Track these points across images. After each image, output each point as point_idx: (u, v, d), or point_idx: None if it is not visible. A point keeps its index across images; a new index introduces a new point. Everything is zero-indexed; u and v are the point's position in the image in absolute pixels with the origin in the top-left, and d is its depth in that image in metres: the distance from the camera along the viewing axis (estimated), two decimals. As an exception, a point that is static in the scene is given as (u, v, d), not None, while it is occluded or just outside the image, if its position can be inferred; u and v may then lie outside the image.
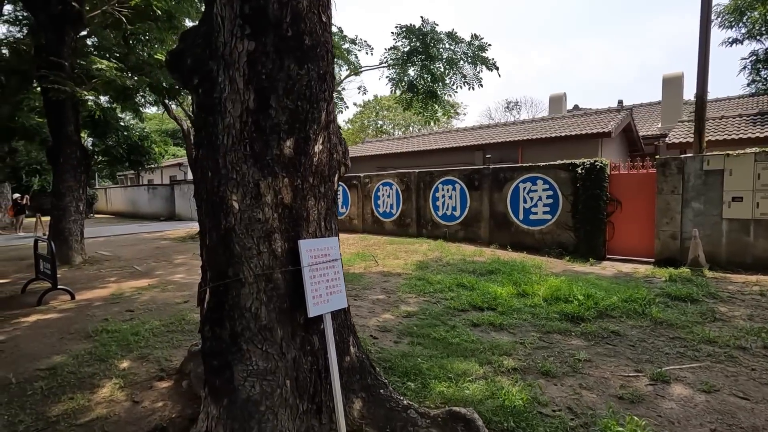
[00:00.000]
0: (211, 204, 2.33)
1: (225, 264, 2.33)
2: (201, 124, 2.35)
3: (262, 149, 2.25)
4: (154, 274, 8.63)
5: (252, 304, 2.33)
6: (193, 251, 11.80)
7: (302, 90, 2.22)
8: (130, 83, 8.47)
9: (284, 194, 2.37)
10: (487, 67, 5.34)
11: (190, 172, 29.97)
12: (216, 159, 2.29)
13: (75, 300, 6.61)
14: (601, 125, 12.93)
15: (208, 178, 2.32)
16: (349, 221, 16.01)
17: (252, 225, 2.31)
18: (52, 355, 4.33)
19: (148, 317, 5.59)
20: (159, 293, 6.98)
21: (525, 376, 3.69)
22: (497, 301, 5.89)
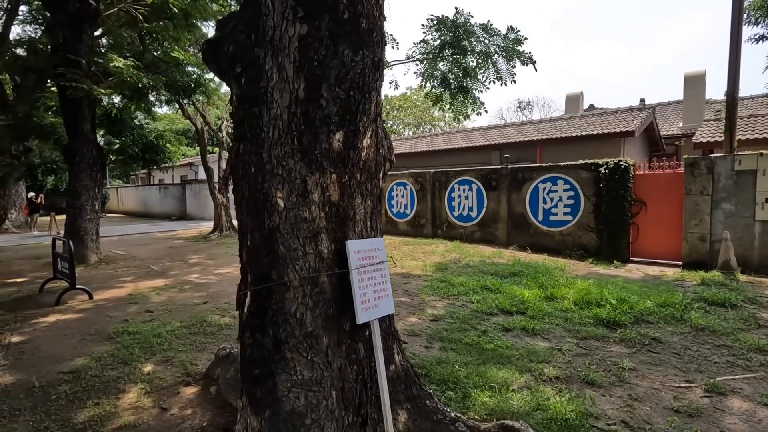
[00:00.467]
0: (254, 202, 2.17)
1: (268, 266, 2.17)
2: (243, 116, 2.19)
3: (310, 143, 2.08)
4: (169, 274, 8.53)
5: (297, 309, 2.17)
6: (206, 251, 11.72)
7: (355, 78, 2.05)
8: (147, 81, 8.38)
9: (332, 191, 2.20)
10: (522, 62, 5.13)
11: (201, 172, 30.04)
12: (260, 153, 2.13)
13: (93, 300, 6.52)
14: (623, 124, 12.63)
15: (251, 174, 2.17)
16: (362, 221, 15.83)
17: (298, 224, 2.14)
18: (74, 357, 4.21)
19: (168, 318, 5.47)
20: (176, 293, 6.87)
21: (569, 385, 3.49)
22: (526, 305, 5.69)
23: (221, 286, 7.38)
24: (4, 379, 3.75)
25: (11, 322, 5.46)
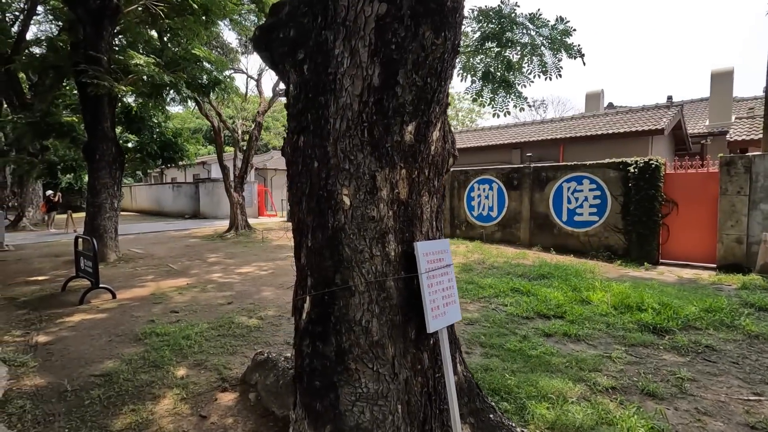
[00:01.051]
0: (317, 199, 2.00)
1: (332, 269, 1.99)
2: (304, 106, 2.02)
3: (381, 135, 1.90)
4: (190, 273, 8.43)
5: (362, 316, 1.99)
6: (224, 250, 11.63)
7: (434, 64, 1.87)
8: (169, 79, 8.28)
9: (401, 188, 2.03)
10: (570, 55, 4.88)
11: (214, 171, 30.10)
12: (324, 147, 1.95)
13: (116, 299, 6.42)
14: (651, 122, 12.27)
15: (313, 169, 1.99)
16: (377, 221, 15.66)
17: (365, 224, 1.97)
18: (104, 360, 4.09)
19: (194, 319, 5.34)
20: (200, 293, 6.75)
21: (628, 396, 3.27)
22: (562, 309, 5.47)
23: (244, 286, 7.25)
24: (35, 382, 3.63)
25: (36, 321, 5.37)
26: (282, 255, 10.56)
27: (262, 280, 7.67)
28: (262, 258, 10.17)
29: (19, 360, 4.05)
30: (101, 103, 9.37)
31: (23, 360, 4.06)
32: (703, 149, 13.70)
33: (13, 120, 11.54)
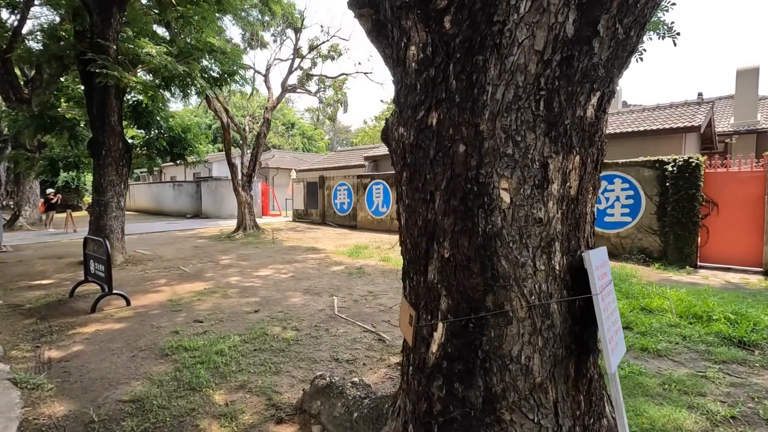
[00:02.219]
0: (462, 195, 1.51)
1: (481, 288, 1.50)
2: (443, 71, 1.52)
3: (562, 108, 1.42)
4: (205, 277, 7.90)
5: (522, 351, 1.50)
6: (235, 252, 11.10)
7: (644, 9, 1.37)
8: (182, 69, 7.74)
9: (572, 181, 1.54)
10: (660, 36, 4.31)
11: (215, 169, 29.49)
12: (476, 125, 1.46)
13: (131, 306, 5.89)
14: (686, 119, 11.84)
15: (457, 154, 1.50)
16: (390, 221, 15.21)
17: (529, 228, 1.48)
18: (130, 380, 3.57)
19: (222, 330, 4.82)
20: (221, 299, 6.23)
21: (756, 428, 2.80)
22: (627, 318, 5.00)
23: (268, 291, 6.73)
24: (54, 409, 3.11)
25: (46, 333, 4.84)
26: (298, 257, 10.04)
27: (285, 285, 7.15)
28: (278, 260, 9.64)
29: (33, 381, 3.53)
30: (108, 95, 8.81)
31: (38, 381, 3.53)
32: (727, 148, 13.31)
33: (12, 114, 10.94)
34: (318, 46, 16.23)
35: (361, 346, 4.32)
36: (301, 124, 53.68)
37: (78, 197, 30.89)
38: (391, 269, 8.39)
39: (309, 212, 19.56)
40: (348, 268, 8.55)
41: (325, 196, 18.60)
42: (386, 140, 1.94)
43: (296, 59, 15.91)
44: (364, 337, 4.60)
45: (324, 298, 6.25)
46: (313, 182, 19.22)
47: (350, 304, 5.92)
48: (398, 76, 1.79)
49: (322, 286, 7.06)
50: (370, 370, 3.74)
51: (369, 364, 3.86)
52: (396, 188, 1.93)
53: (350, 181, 17.23)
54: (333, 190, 18.08)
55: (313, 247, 11.57)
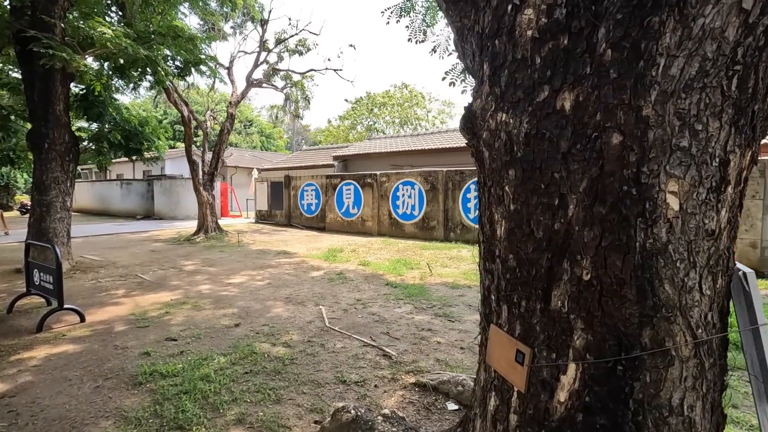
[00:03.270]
0: (612, 200, 1.16)
1: (636, 319, 1.16)
2: (602, 39, 1.16)
3: (756, 89, 1.11)
4: (169, 286, 7.12)
5: (684, 399, 1.18)
6: (198, 256, 10.24)
7: None
8: (144, 53, 6.93)
9: (743, 181, 1.23)
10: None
11: (168, 166, 27.69)
12: (637, 107, 1.12)
13: (86, 323, 5.10)
14: None
15: (609, 146, 1.16)
16: (361, 223, 14.80)
17: (699, 243, 1.16)
18: (99, 420, 2.95)
19: (202, 349, 4.22)
20: (194, 312, 5.57)
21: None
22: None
23: (245, 301, 6.12)
24: (0, 466, 2.46)
25: (-19, 359, 4.02)
26: (270, 261, 9.40)
27: (263, 293, 6.56)
28: (249, 265, 8.96)
29: (-30, 428, 2.82)
30: (53, 81, 7.78)
31: (-24, 427, 2.82)
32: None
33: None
34: (285, 40, 15.52)
35: (366, 364, 3.90)
36: (259, 121, 51.93)
37: (8, 195, 27.95)
38: (372, 274, 8.00)
39: (273, 213, 18.71)
40: (327, 274, 8.06)
41: (291, 197, 17.85)
42: (470, 131, 1.57)
43: (262, 53, 15.12)
44: (366, 352, 4.19)
45: (310, 308, 5.75)
46: (278, 182, 18.41)
47: (340, 315, 5.47)
48: (495, 49, 1.42)
49: (304, 293, 6.55)
50: (385, 393, 3.34)
51: (381, 386, 3.46)
52: (485, 191, 1.56)
53: (318, 181, 16.62)
54: (300, 191, 17.38)
55: (284, 251, 10.94)
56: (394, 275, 7.89)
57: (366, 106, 35.58)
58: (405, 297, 6.32)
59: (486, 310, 1.61)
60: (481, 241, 1.63)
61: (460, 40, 1.69)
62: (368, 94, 35.24)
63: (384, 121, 36.31)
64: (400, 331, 4.81)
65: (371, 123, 36.33)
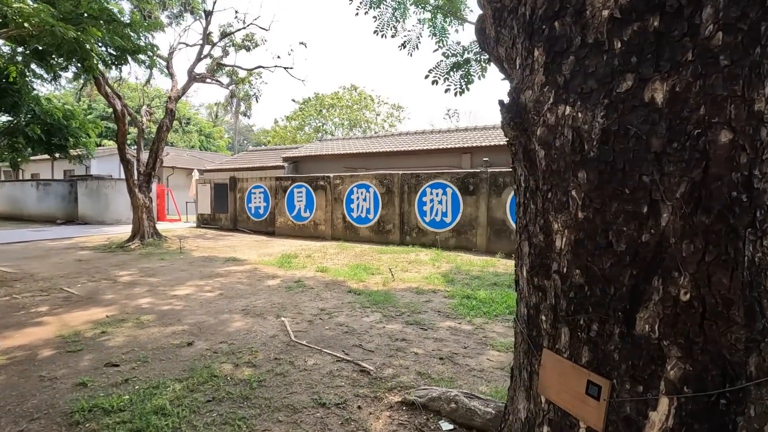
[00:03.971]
0: (719, 208, 1.00)
1: (741, 345, 1.01)
2: (708, 19, 1.00)
3: None
4: (103, 300, 6.30)
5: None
6: (135, 265, 9.27)
7: None
8: (73, 35, 6.08)
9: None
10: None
11: (94, 166, 25.23)
12: (750, 101, 0.97)
13: (1, 349, 4.30)
14: None
15: (716, 145, 1.00)
16: (314, 227, 14.33)
17: (807, 255, 1.02)
18: (25, 475, 2.39)
19: (151, 375, 3.68)
20: (137, 330, 4.92)
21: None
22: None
23: (196, 315, 5.54)
24: None
25: None
26: (219, 269, 8.71)
27: (216, 306, 5.99)
28: (196, 274, 8.23)
29: None
30: (-46, 63, 6.63)
31: None
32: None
33: None
34: (231, 34, 14.69)
35: (344, 382, 3.60)
36: (198, 119, 49.13)
37: None
38: (333, 281, 7.66)
39: (217, 217, 17.62)
40: (285, 282, 7.59)
41: (237, 200, 16.91)
42: (517, 126, 1.36)
43: (206, 46, 14.17)
44: (341, 368, 3.88)
45: (271, 321, 5.31)
46: (223, 184, 17.37)
47: (305, 327, 5.10)
48: (554, 33, 1.24)
49: (261, 304, 6.07)
50: (371, 415, 3.06)
51: (365, 407, 3.18)
52: (536, 195, 1.36)
53: (267, 183, 15.89)
54: (247, 193, 16.51)
55: (233, 258, 10.23)
56: (356, 281, 7.60)
57: (314, 107, 34.82)
58: (371, 305, 6.07)
59: (532, 332, 1.42)
60: (526, 252, 1.43)
61: (495, 23, 1.49)
62: (317, 95, 34.52)
63: (333, 123, 35.76)
64: (373, 343, 4.54)
65: (320, 124, 35.63)
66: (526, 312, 1.46)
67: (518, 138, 1.41)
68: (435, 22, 5.11)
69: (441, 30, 5.15)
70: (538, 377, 1.39)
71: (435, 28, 5.14)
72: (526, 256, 1.43)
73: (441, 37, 5.20)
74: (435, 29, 5.15)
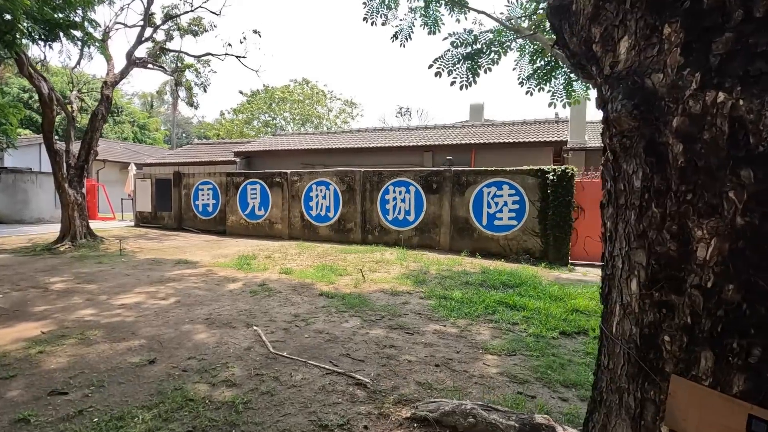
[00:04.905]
0: None
1: None
2: None
3: None
4: (34, 313, 5.44)
5: None
6: (68, 270, 8.21)
7: None
8: None
9: None
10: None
11: (8, 159, 22.36)
12: None
13: None
14: (553, 134, 13.61)
15: None
16: (269, 226, 13.66)
17: None
18: None
19: (111, 403, 3.14)
20: (82, 348, 4.24)
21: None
22: (574, 323, 5.12)
23: (152, 327, 4.91)
24: None
25: None
26: (169, 273, 7.93)
27: (174, 315, 5.37)
28: (143, 280, 7.41)
29: None
30: None
31: None
32: (564, 161, 15.95)
33: None
34: (177, 17, 13.55)
35: (341, 398, 3.28)
36: (132, 109, 45.41)
37: None
38: (300, 283, 7.23)
39: (160, 215, 16.27)
40: (247, 285, 7.05)
41: (182, 196, 15.71)
42: (642, 116, 1.16)
43: (147, 28, 12.94)
44: (334, 382, 3.55)
45: (241, 330, 4.84)
46: (165, 179, 16.06)
47: (282, 336, 4.69)
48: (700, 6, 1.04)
49: (227, 312, 5.54)
50: (381, 436, 2.78)
51: (372, 426, 2.89)
52: (667, 197, 1.16)
53: (217, 179, 14.90)
54: (194, 189, 15.39)
55: (184, 260, 9.40)
56: (325, 283, 7.23)
57: (264, 101, 33.30)
58: (347, 309, 5.76)
59: (648, 354, 1.23)
60: (640, 263, 1.24)
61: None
62: (266, 88, 33.02)
63: (283, 118, 34.46)
64: (361, 351, 4.25)
65: (269, 119, 34.16)
66: (636, 331, 1.28)
67: (640, 130, 1.22)
68: (428, 12, 4.88)
69: (434, 21, 4.94)
70: (655, 407, 1.21)
71: (428, 18, 4.92)
72: (640, 266, 1.25)
73: (433, 27, 5.00)
74: (428, 19, 4.93)
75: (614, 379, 1.38)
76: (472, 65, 5.31)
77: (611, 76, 1.33)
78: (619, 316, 1.37)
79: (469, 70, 5.39)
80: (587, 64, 1.50)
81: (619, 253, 1.35)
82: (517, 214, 10.28)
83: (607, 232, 1.44)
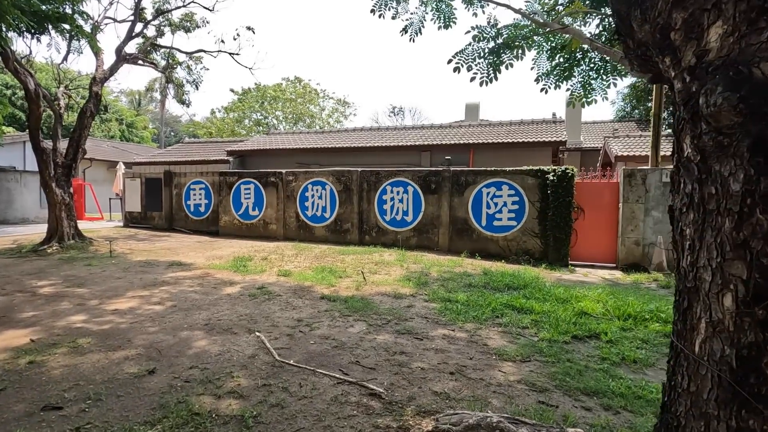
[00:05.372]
0: None
1: None
2: None
3: None
4: (21, 319, 5.18)
5: None
6: (57, 273, 7.90)
7: None
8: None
9: None
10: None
11: (-8, 156, 21.68)
12: None
13: None
14: (552, 134, 13.56)
15: None
16: (264, 226, 13.42)
17: None
18: None
19: (110, 419, 2.93)
20: (75, 357, 4.01)
21: None
22: (585, 326, 5.02)
23: (148, 333, 4.69)
24: None
25: None
26: (163, 276, 7.67)
27: (170, 321, 5.15)
28: (136, 283, 7.15)
29: None
30: None
31: None
32: (560, 161, 15.95)
33: None
34: (168, 12, 13.22)
35: (356, 410, 3.11)
36: (119, 107, 44.53)
37: None
38: (300, 286, 7.04)
39: (150, 215, 15.89)
40: (246, 289, 6.83)
41: (173, 196, 15.37)
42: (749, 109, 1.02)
43: (138, 23, 12.60)
44: (347, 392, 3.39)
45: (243, 337, 4.64)
46: (156, 178, 15.70)
47: (286, 342, 4.51)
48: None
49: (226, 317, 5.33)
50: (403, 452, 2.63)
51: (393, 442, 2.73)
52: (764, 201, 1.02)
53: (209, 178, 14.60)
54: (185, 189, 15.06)
55: (178, 262, 9.13)
56: (326, 286, 7.05)
57: (256, 99, 32.82)
58: (351, 312, 5.59)
59: (747, 379, 1.09)
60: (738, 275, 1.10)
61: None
62: (258, 86, 32.54)
63: (275, 117, 34.01)
64: (371, 359, 4.09)
65: (261, 117, 33.70)
66: (731, 352, 1.14)
67: (744, 126, 1.08)
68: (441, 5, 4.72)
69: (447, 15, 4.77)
70: (757, 438, 1.08)
71: (440, 11, 4.76)
72: (737, 280, 1.11)
73: (447, 22, 4.84)
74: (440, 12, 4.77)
75: (698, 404, 1.24)
76: (494, 61, 5.18)
77: (698, 67, 1.19)
78: (705, 334, 1.23)
79: (491, 66, 5.25)
80: (658, 54, 1.36)
81: (707, 264, 1.21)
82: (517, 214, 10.20)
83: (687, 240, 1.31)
